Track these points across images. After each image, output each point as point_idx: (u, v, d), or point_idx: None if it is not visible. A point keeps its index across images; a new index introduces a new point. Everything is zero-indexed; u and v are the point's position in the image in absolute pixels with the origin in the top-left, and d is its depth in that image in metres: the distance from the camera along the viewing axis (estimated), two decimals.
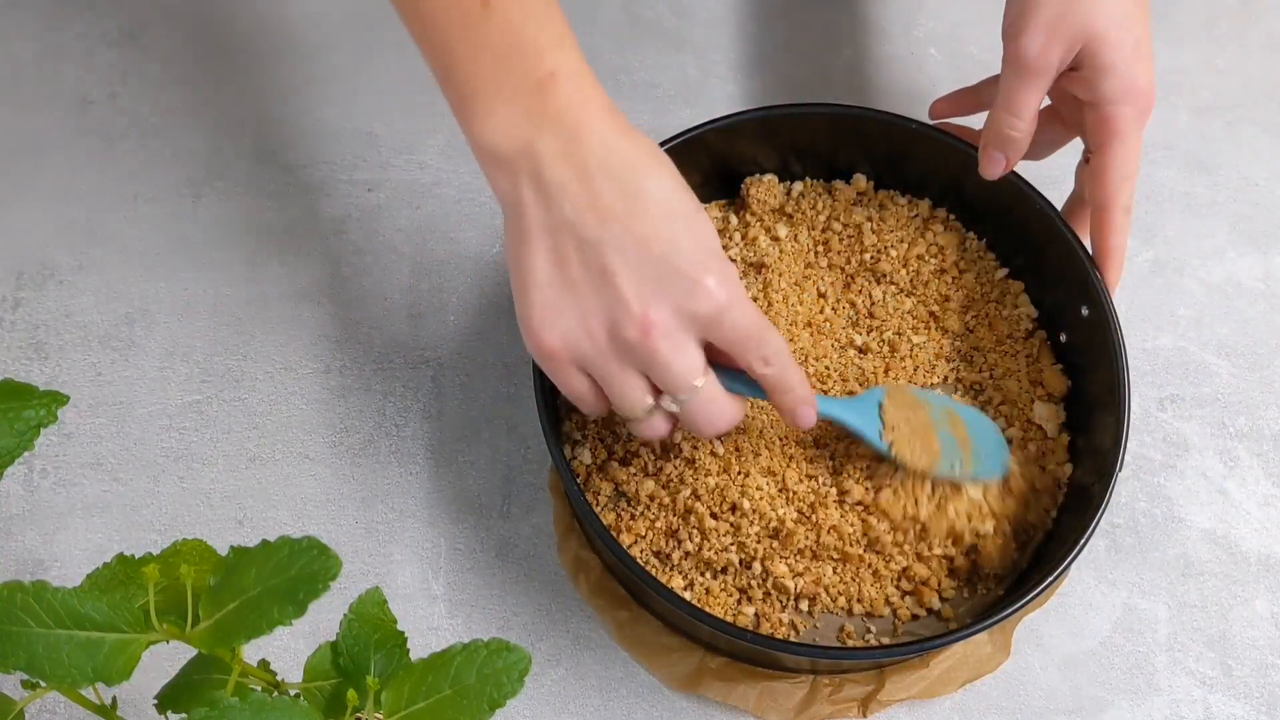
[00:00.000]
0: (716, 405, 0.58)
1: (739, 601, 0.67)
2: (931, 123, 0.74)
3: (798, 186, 0.76)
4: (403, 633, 0.52)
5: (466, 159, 0.82)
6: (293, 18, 0.86)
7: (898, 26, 0.87)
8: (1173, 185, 0.83)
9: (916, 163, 0.75)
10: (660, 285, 0.54)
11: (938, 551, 0.68)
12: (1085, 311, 0.70)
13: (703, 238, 0.56)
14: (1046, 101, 0.69)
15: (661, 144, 0.71)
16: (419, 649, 0.51)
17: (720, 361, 0.59)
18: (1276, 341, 0.78)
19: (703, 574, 0.67)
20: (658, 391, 0.58)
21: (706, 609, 0.66)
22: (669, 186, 0.56)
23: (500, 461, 0.74)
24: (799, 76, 0.85)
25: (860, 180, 0.76)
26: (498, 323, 0.77)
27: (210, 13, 0.86)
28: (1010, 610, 0.62)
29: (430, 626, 0.70)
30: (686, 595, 0.67)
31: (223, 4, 0.86)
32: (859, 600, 0.67)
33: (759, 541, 0.67)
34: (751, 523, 0.67)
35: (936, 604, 0.68)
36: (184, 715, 0.48)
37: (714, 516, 0.67)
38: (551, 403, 0.69)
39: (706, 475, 0.68)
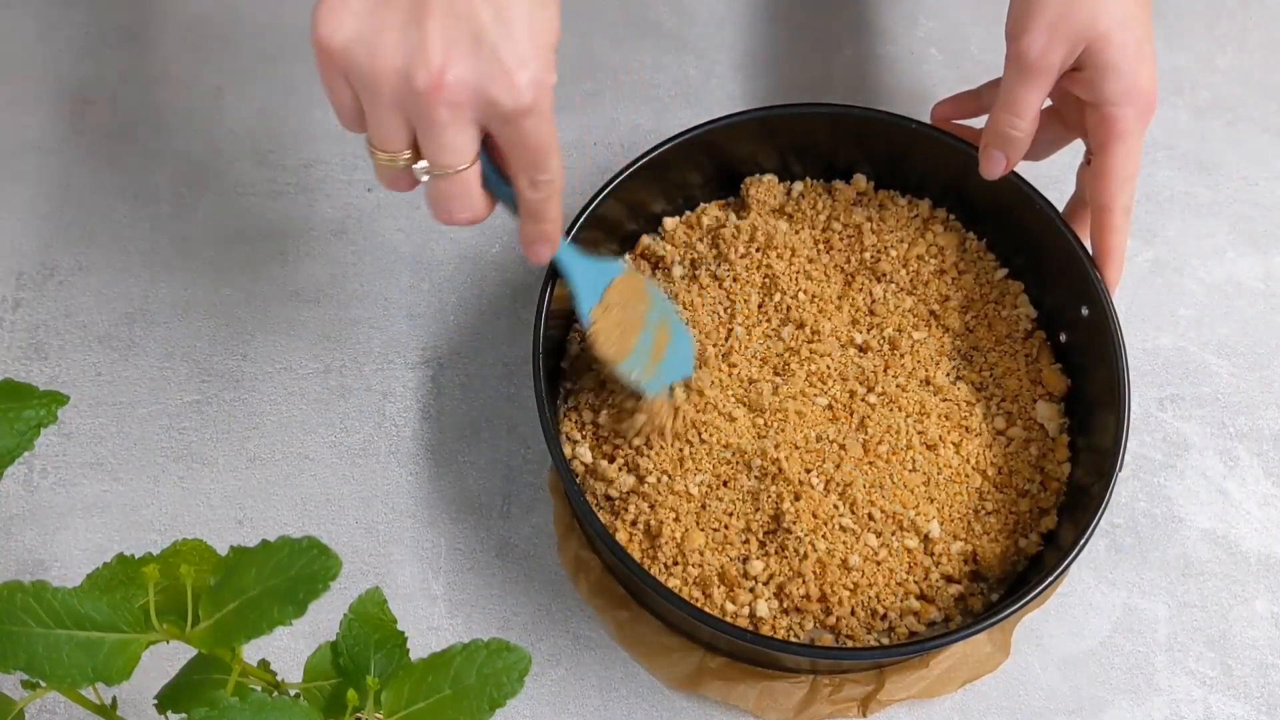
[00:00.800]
0: (465, 198, 0.55)
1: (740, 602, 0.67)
2: (932, 123, 0.74)
3: (798, 186, 0.76)
4: (403, 633, 0.52)
5: None
6: (293, 18, 0.86)
7: (898, 27, 0.87)
8: (1173, 185, 0.83)
9: (917, 163, 0.75)
10: (473, 54, 0.50)
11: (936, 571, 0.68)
12: (1085, 311, 0.70)
13: (540, 30, 0.52)
14: (1047, 103, 0.69)
15: (661, 144, 0.71)
16: (419, 649, 0.51)
17: (493, 156, 0.56)
18: (1276, 341, 0.78)
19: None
20: (416, 151, 0.54)
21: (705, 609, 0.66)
22: None
23: (500, 461, 0.74)
24: (799, 77, 0.85)
25: (860, 180, 0.76)
26: (498, 323, 0.77)
27: (210, 13, 0.86)
28: (1010, 610, 0.62)
29: (430, 626, 0.70)
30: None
31: (223, 4, 0.86)
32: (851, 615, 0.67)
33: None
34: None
35: (937, 616, 0.68)
36: (184, 715, 0.48)
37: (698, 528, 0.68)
38: (552, 403, 0.69)
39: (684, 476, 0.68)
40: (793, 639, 0.67)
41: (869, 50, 0.86)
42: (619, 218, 0.74)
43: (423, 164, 0.53)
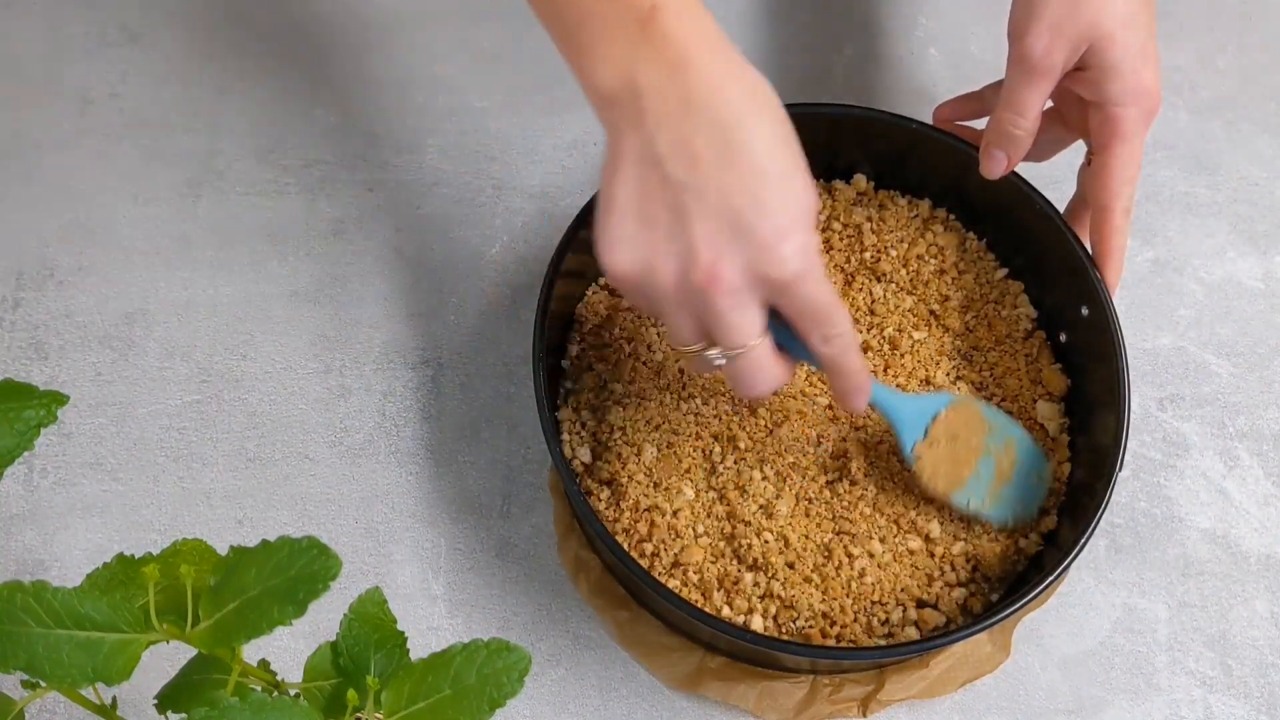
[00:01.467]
0: (762, 371, 0.57)
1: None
2: (932, 124, 0.74)
3: None
4: (403, 633, 0.52)
5: (466, 159, 0.82)
6: (293, 18, 0.86)
7: (898, 26, 0.87)
8: (1173, 185, 0.83)
9: (917, 163, 0.75)
10: (735, 241, 0.53)
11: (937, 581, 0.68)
12: (1085, 311, 0.70)
13: (791, 200, 0.54)
14: (1049, 104, 0.69)
15: None
16: (419, 649, 0.51)
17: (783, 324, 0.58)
18: (1276, 341, 0.78)
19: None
20: (711, 339, 0.57)
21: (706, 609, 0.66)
22: (767, 139, 0.54)
23: (500, 461, 0.74)
24: (799, 76, 0.85)
25: (860, 180, 0.76)
26: (498, 323, 0.77)
27: (210, 13, 0.86)
28: (1010, 610, 0.62)
29: (430, 626, 0.70)
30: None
31: (223, 4, 0.86)
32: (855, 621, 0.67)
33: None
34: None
35: (939, 620, 0.68)
36: (184, 715, 0.48)
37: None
38: (551, 403, 0.69)
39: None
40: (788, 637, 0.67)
41: (869, 50, 0.86)
42: None
43: (715, 350, 0.56)
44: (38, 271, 0.78)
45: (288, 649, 0.68)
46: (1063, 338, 0.73)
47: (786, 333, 0.58)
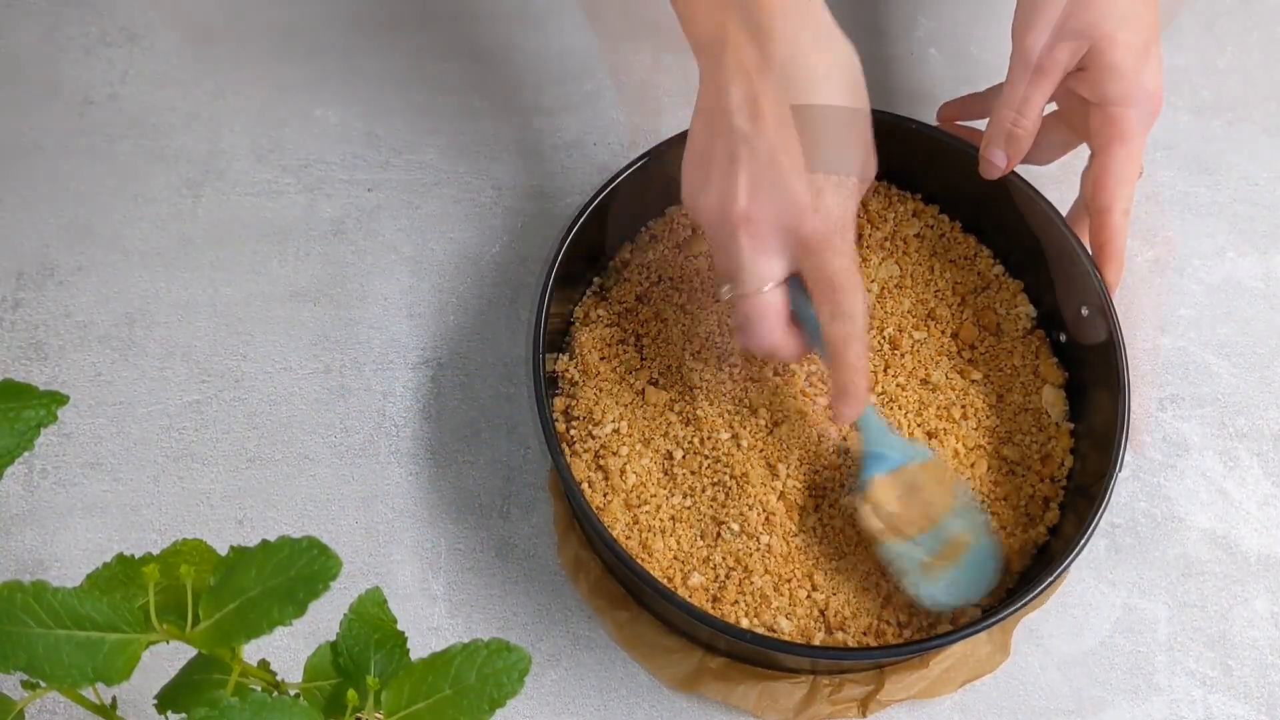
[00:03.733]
0: (765, 321, 0.60)
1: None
2: (932, 124, 0.74)
3: None
4: (403, 633, 0.52)
5: (466, 159, 0.82)
6: (293, 18, 0.86)
7: (898, 27, 0.87)
8: (1173, 185, 0.83)
9: (916, 162, 0.75)
10: (772, 194, 0.57)
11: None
12: (1085, 311, 0.70)
13: (836, 168, 0.57)
14: (1052, 106, 0.69)
15: (661, 144, 0.71)
16: (419, 649, 0.51)
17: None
18: (1276, 341, 0.78)
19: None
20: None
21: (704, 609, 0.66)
22: (831, 110, 0.57)
23: (500, 461, 0.74)
24: None
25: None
26: (498, 323, 0.77)
27: (210, 13, 0.86)
28: (1009, 610, 0.62)
29: (430, 626, 0.70)
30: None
31: (223, 4, 0.86)
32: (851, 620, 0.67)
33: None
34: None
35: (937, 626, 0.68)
36: (184, 715, 0.48)
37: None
38: (550, 403, 0.69)
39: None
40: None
41: (869, 50, 0.86)
42: (624, 212, 0.74)
43: (728, 286, 0.60)
44: (38, 271, 0.78)
45: (288, 649, 0.68)
46: (1062, 338, 0.73)
47: (808, 311, 0.60)
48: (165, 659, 0.52)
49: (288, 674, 0.56)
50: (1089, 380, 0.71)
